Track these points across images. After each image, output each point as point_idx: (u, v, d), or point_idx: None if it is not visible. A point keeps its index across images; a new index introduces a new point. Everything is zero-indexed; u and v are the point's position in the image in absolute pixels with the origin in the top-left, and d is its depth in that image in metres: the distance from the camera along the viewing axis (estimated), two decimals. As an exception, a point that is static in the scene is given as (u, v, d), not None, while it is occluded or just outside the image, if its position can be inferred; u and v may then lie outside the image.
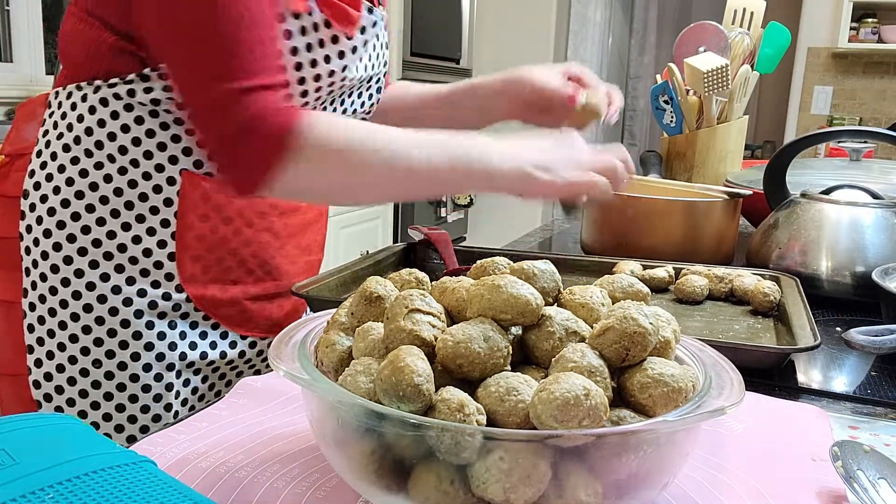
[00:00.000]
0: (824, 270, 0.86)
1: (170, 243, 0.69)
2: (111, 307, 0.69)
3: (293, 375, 0.37)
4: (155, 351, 0.70)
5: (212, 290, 0.72)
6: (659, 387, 0.37)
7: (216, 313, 0.74)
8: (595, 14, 4.21)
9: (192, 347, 0.73)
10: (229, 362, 0.77)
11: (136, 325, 0.69)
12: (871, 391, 0.61)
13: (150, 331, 0.70)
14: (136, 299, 0.69)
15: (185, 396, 0.74)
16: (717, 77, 1.31)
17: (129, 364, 0.69)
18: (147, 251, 0.69)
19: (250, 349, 0.78)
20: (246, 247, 0.73)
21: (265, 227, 0.75)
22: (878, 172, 1.30)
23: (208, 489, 0.42)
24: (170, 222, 0.69)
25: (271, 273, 0.77)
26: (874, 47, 3.86)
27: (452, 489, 0.34)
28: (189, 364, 0.73)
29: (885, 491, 0.40)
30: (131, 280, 0.69)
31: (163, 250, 0.69)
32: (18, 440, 0.38)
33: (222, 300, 0.73)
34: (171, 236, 0.69)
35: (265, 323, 0.78)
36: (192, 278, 0.71)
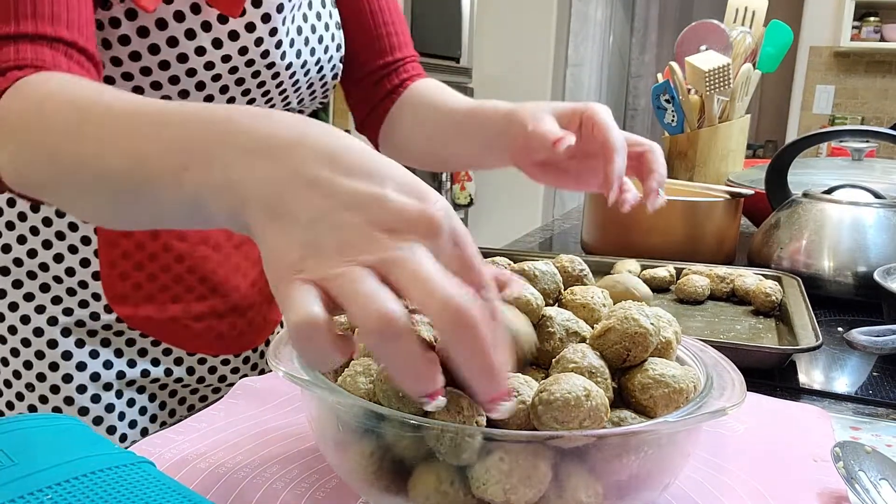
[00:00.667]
0: (826, 270, 0.86)
1: (93, 261, 0.65)
2: (35, 327, 0.65)
3: (292, 376, 0.37)
4: (88, 371, 0.66)
5: (146, 310, 0.67)
6: (660, 387, 0.37)
7: (155, 332, 0.68)
8: (596, 13, 4.21)
9: (130, 365, 0.68)
10: (178, 380, 0.71)
11: (64, 345, 0.65)
12: (873, 392, 0.61)
13: (81, 349, 0.66)
14: (62, 318, 0.65)
15: (132, 417, 0.69)
16: (719, 76, 1.30)
17: (62, 386, 0.65)
18: (70, 270, 0.65)
19: (200, 365, 0.72)
20: (180, 262, 0.67)
21: (201, 239, 0.68)
22: (881, 172, 1.30)
23: (207, 490, 0.42)
24: (90, 239, 0.64)
25: (217, 289, 0.70)
26: (876, 46, 3.86)
27: (452, 490, 0.34)
28: (129, 383, 0.68)
29: (886, 492, 0.40)
30: (57, 299, 0.65)
31: (86, 269, 0.65)
32: (17, 441, 0.38)
33: (160, 320, 0.68)
34: (94, 254, 0.65)
35: (214, 341, 0.72)
36: (121, 298, 0.66)
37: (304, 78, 0.69)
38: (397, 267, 0.29)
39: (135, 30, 0.57)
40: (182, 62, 0.60)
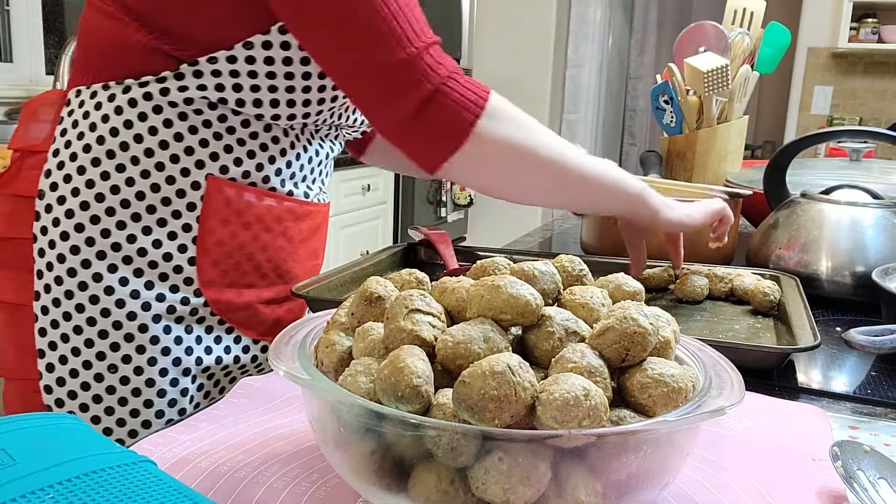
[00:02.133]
0: (824, 270, 0.86)
1: (190, 248, 0.69)
2: (129, 311, 0.68)
3: (293, 375, 0.37)
4: (171, 356, 0.70)
5: (228, 295, 0.72)
6: (659, 387, 0.37)
7: (231, 317, 0.73)
8: (595, 14, 4.21)
9: (207, 352, 0.73)
10: (241, 367, 0.77)
11: (153, 330, 0.69)
12: (871, 391, 0.61)
13: (168, 336, 0.70)
14: (155, 304, 0.69)
15: (198, 401, 0.74)
16: (717, 77, 1.31)
17: (146, 369, 0.69)
18: (167, 255, 0.69)
19: (262, 353, 0.78)
20: (262, 252, 0.73)
21: (281, 231, 0.74)
22: (878, 172, 1.30)
23: (208, 489, 0.42)
24: (191, 227, 0.69)
25: (283, 277, 0.77)
26: (874, 47, 3.86)
27: (452, 489, 0.34)
28: (205, 369, 0.73)
29: (885, 491, 0.40)
30: (150, 284, 0.68)
31: (183, 255, 0.69)
32: (18, 440, 0.38)
33: (237, 304, 0.73)
34: (192, 241, 0.69)
35: (275, 327, 0.77)
36: (210, 283, 0.71)
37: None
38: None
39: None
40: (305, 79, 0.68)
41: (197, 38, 0.65)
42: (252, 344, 0.77)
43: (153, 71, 0.66)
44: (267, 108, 0.68)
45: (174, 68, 0.66)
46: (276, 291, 0.77)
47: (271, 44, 0.65)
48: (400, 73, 0.61)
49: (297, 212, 0.76)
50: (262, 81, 0.66)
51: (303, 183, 0.77)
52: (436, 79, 0.61)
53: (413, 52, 0.61)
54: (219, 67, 0.65)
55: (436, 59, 0.62)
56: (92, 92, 0.68)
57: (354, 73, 0.62)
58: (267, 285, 0.75)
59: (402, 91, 0.61)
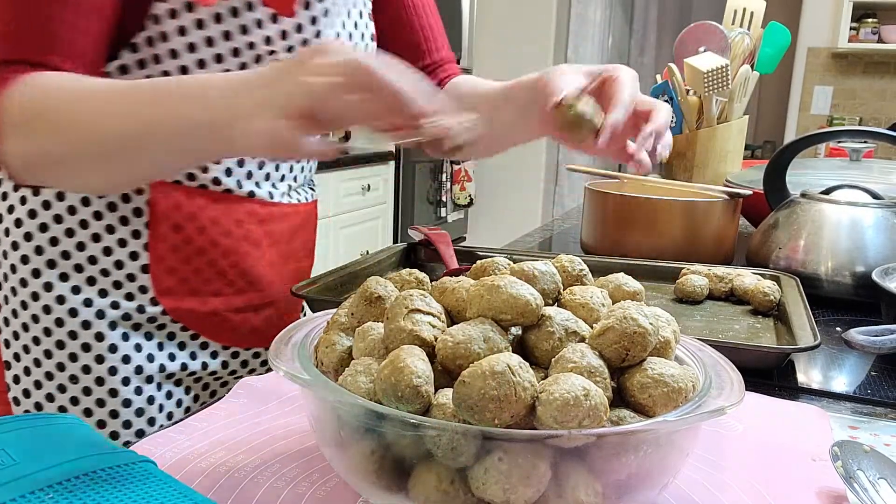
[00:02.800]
0: (824, 270, 0.86)
1: (142, 255, 0.66)
2: (83, 320, 0.66)
3: (293, 375, 0.37)
4: (132, 364, 0.68)
5: (189, 303, 0.69)
6: (659, 387, 0.37)
7: (195, 325, 0.71)
8: (595, 14, 4.21)
9: (171, 359, 0.70)
10: (212, 373, 0.74)
11: (111, 338, 0.67)
12: (871, 391, 0.61)
13: (126, 342, 0.67)
14: (109, 311, 0.67)
15: (169, 409, 0.71)
16: (717, 77, 1.31)
17: (107, 379, 0.67)
18: (118, 263, 0.66)
19: (233, 359, 0.75)
20: (224, 257, 0.70)
21: (242, 235, 0.71)
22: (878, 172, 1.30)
23: (208, 489, 0.42)
24: (140, 233, 0.66)
25: (254, 284, 0.73)
26: (874, 47, 3.86)
27: (452, 489, 0.34)
28: (169, 376, 0.71)
29: (885, 491, 0.40)
30: (104, 292, 0.66)
31: (135, 262, 0.67)
32: (18, 440, 0.38)
33: (202, 312, 0.70)
34: (144, 247, 0.66)
35: (248, 334, 0.75)
36: (167, 291, 0.68)
37: None
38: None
39: (192, 21, 0.61)
40: (235, 56, 0.63)
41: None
42: (221, 350, 0.74)
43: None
44: None
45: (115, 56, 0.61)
46: (248, 299, 0.73)
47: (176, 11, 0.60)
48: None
49: (260, 214, 0.72)
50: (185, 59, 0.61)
51: (266, 182, 0.73)
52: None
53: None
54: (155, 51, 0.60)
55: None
56: None
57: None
58: (235, 293, 0.72)
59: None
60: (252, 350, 0.76)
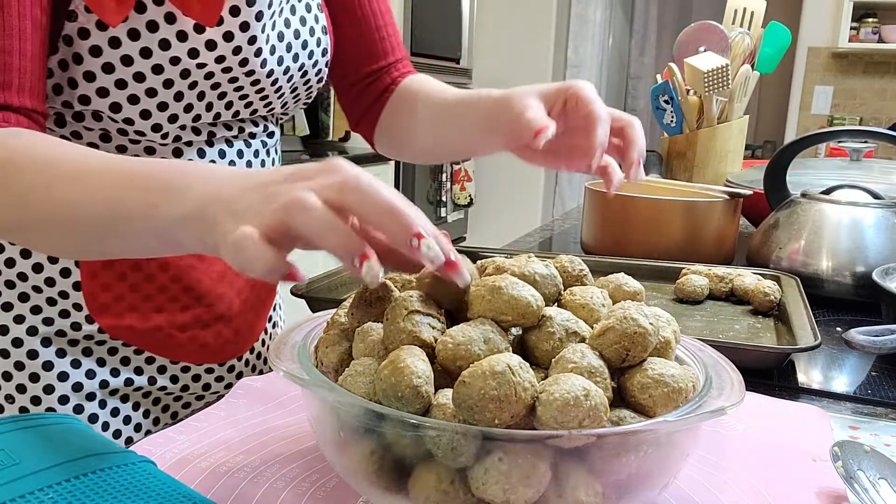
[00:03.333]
0: (825, 270, 0.86)
1: (74, 271, 0.63)
2: (14, 337, 0.63)
3: (293, 376, 0.37)
4: (70, 381, 0.65)
5: (129, 320, 0.65)
6: (659, 387, 0.37)
7: (138, 342, 0.67)
8: (595, 14, 4.21)
9: (113, 374, 0.67)
10: (161, 388, 0.70)
11: (45, 355, 0.64)
12: (872, 391, 0.61)
13: (62, 359, 0.64)
14: (42, 328, 0.63)
15: (115, 427, 0.68)
16: (718, 77, 1.31)
17: (43, 397, 0.64)
18: (49, 280, 0.63)
19: (183, 374, 0.71)
20: (164, 271, 0.66)
21: None
22: (879, 172, 1.30)
23: (208, 489, 0.42)
24: None
25: (201, 299, 0.68)
26: (874, 47, 3.86)
27: (452, 489, 0.34)
28: (112, 392, 0.67)
29: (885, 491, 0.40)
30: (37, 309, 0.63)
31: (67, 279, 0.63)
32: (19, 440, 0.38)
33: (144, 329, 0.66)
34: (75, 264, 0.63)
35: (197, 350, 0.70)
36: (103, 309, 0.64)
37: (287, 84, 0.68)
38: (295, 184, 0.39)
39: (106, 41, 0.56)
40: (157, 73, 0.58)
41: None
42: (169, 364, 0.69)
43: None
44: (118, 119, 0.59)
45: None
46: (195, 315, 0.68)
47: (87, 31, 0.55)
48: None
49: None
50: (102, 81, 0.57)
51: None
52: None
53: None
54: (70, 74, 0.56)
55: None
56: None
57: None
58: (181, 309, 0.67)
59: None
60: (204, 365, 0.72)
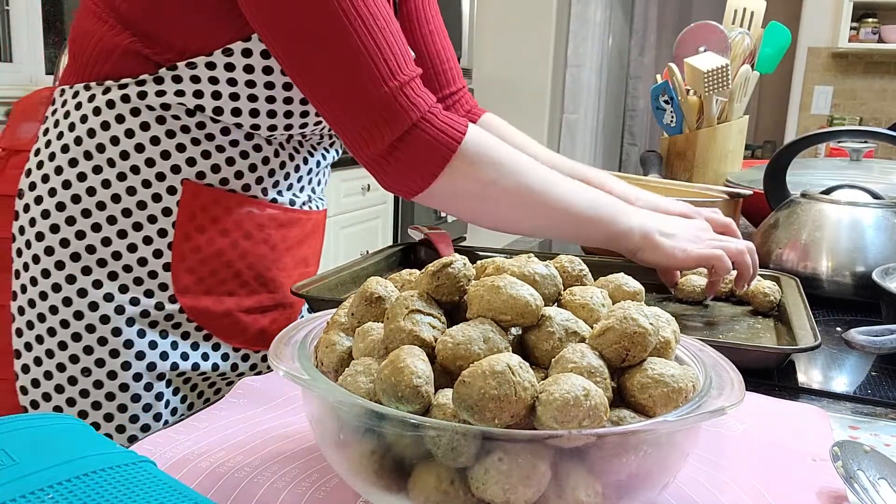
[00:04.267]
0: (824, 270, 0.86)
1: (166, 253, 0.68)
2: (102, 315, 0.67)
3: (293, 375, 0.37)
4: (146, 360, 0.69)
5: (205, 302, 0.71)
6: (659, 387, 0.37)
7: (209, 324, 0.72)
8: (595, 14, 4.21)
9: (183, 358, 0.71)
10: (221, 374, 0.75)
11: (127, 334, 0.68)
12: (872, 391, 0.61)
13: (142, 340, 0.68)
14: (129, 308, 0.67)
15: (174, 406, 0.72)
16: (718, 77, 1.31)
17: (120, 373, 0.67)
18: (142, 260, 0.67)
19: (243, 362, 0.76)
20: (242, 259, 0.72)
21: (262, 239, 0.73)
22: (879, 172, 1.30)
23: (208, 489, 0.42)
24: (167, 232, 0.67)
25: (267, 285, 0.75)
26: (874, 47, 3.86)
27: (452, 489, 0.34)
28: (180, 374, 0.72)
29: (885, 491, 0.40)
30: (124, 288, 0.67)
31: (158, 260, 0.68)
32: (18, 440, 0.38)
33: (216, 312, 0.71)
34: (168, 246, 0.68)
35: (258, 335, 0.76)
36: (186, 289, 0.69)
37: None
38: (724, 244, 0.73)
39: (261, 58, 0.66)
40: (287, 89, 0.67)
41: (177, 42, 0.64)
42: (232, 352, 0.75)
43: (132, 73, 0.65)
44: (246, 117, 0.67)
45: (153, 72, 0.65)
46: (259, 300, 0.75)
47: (251, 51, 0.64)
48: (378, 108, 0.61)
49: (280, 219, 0.74)
50: (241, 90, 0.65)
51: (288, 191, 0.75)
52: (414, 115, 0.62)
53: (393, 86, 0.61)
54: (198, 73, 0.64)
55: (415, 93, 0.62)
56: (74, 91, 0.68)
57: (332, 103, 0.62)
58: (248, 294, 0.73)
59: (379, 126, 0.61)
60: (261, 353, 0.78)
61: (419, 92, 0.63)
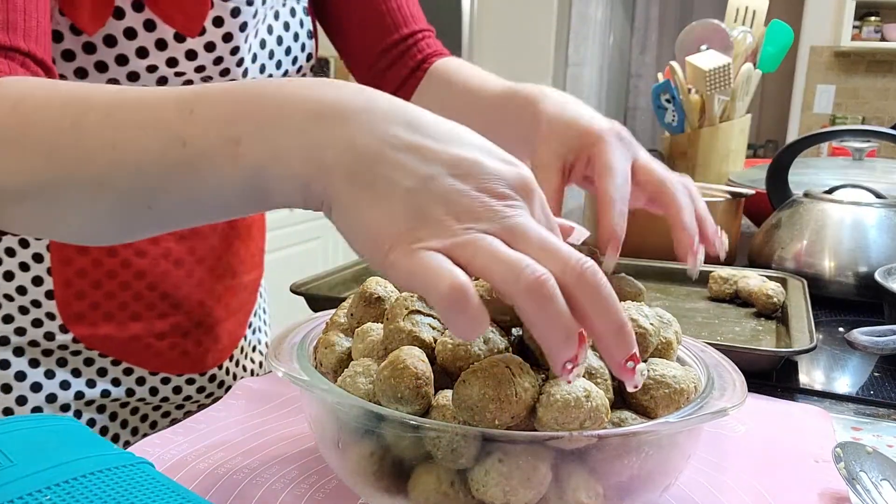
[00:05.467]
0: (827, 270, 0.86)
1: (46, 279, 0.61)
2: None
3: (292, 376, 0.37)
4: (44, 391, 0.63)
5: (105, 329, 0.64)
6: (661, 388, 0.37)
7: (115, 352, 0.65)
8: (596, 12, 4.20)
9: (89, 385, 0.65)
10: (140, 399, 0.68)
11: (17, 365, 0.62)
12: (874, 392, 0.61)
13: (36, 369, 0.62)
14: (15, 338, 0.61)
15: None
16: (720, 76, 1.30)
17: (15, 409, 0.62)
18: (21, 289, 0.61)
19: (164, 385, 0.69)
20: (140, 279, 0.64)
21: (160, 254, 0.65)
22: (881, 172, 1.30)
23: (206, 491, 0.42)
24: (42, 257, 0.61)
25: (180, 306, 0.67)
26: (877, 46, 3.85)
27: (452, 491, 0.34)
28: (88, 402, 0.65)
29: (887, 492, 0.40)
30: (8, 318, 0.61)
31: (39, 287, 0.61)
32: (15, 441, 0.38)
33: (121, 339, 0.64)
34: (47, 272, 0.61)
35: (179, 359, 0.68)
36: (78, 317, 0.62)
37: None
38: (517, 233, 0.30)
39: (80, 46, 0.54)
40: (132, 80, 0.56)
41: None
42: (148, 376, 0.67)
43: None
44: None
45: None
46: (174, 322, 0.67)
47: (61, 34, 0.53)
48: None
49: (179, 231, 0.65)
50: None
51: None
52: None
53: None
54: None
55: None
56: None
57: None
58: (158, 316, 0.66)
59: None
60: (185, 376, 0.70)
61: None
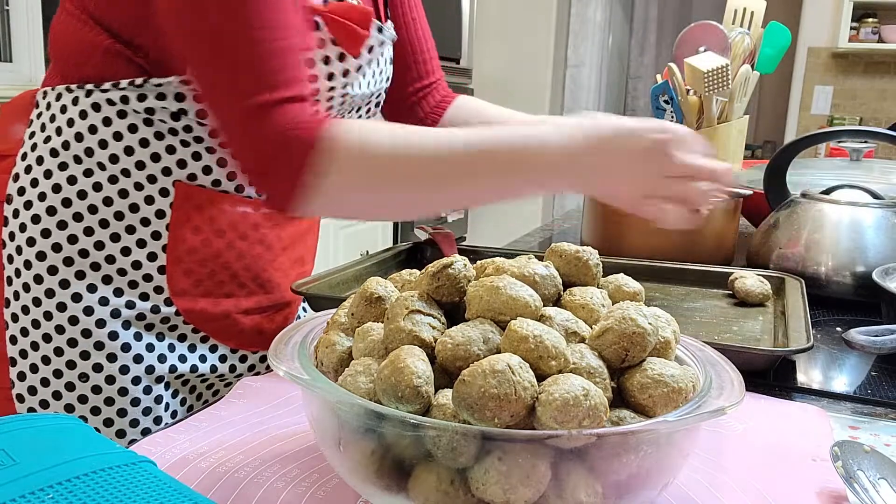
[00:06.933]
0: (825, 270, 0.86)
1: (160, 256, 0.67)
2: (98, 319, 0.66)
3: (293, 375, 0.37)
4: (144, 364, 0.68)
5: (202, 304, 0.70)
6: (659, 387, 0.37)
7: (206, 327, 0.72)
8: (595, 14, 4.21)
9: (181, 360, 0.71)
10: (220, 376, 0.75)
11: (124, 337, 0.67)
12: (872, 391, 0.61)
13: (139, 343, 0.68)
14: (125, 311, 0.67)
15: (174, 409, 0.72)
16: (718, 77, 1.30)
17: (118, 377, 0.67)
18: (136, 263, 0.67)
19: (241, 363, 0.76)
20: (238, 260, 0.71)
21: (258, 239, 0.72)
22: (879, 172, 1.30)
23: (208, 489, 0.42)
24: (161, 234, 0.67)
25: (263, 286, 0.74)
26: (874, 47, 3.86)
27: (452, 489, 0.34)
28: (178, 377, 0.71)
29: (885, 491, 0.40)
30: (119, 291, 0.67)
31: (153, 263, 0.67)
32: (18, 440, 0.38)
33: (213, 314, 0.71)
34: (162, 249, 0.67)
35: (256, 336, 0.76)
36: (182, 292, 0.69)
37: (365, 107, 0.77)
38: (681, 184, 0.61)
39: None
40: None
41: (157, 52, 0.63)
42: (230, 353, 0.75)
43: (113, 76, 0.64)
44: None
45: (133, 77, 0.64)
46: (257, 301, 0.75)
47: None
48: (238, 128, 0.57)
49: (275, 218, 0.74)
50: None
51: None
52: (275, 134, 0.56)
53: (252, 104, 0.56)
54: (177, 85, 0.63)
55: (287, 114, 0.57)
56: (57, 94, 0.66)
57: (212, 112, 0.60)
58: (246, 294, 0.73)
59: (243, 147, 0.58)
60: (259, 353, 0.78)
61: (296, 112, 0.57)
